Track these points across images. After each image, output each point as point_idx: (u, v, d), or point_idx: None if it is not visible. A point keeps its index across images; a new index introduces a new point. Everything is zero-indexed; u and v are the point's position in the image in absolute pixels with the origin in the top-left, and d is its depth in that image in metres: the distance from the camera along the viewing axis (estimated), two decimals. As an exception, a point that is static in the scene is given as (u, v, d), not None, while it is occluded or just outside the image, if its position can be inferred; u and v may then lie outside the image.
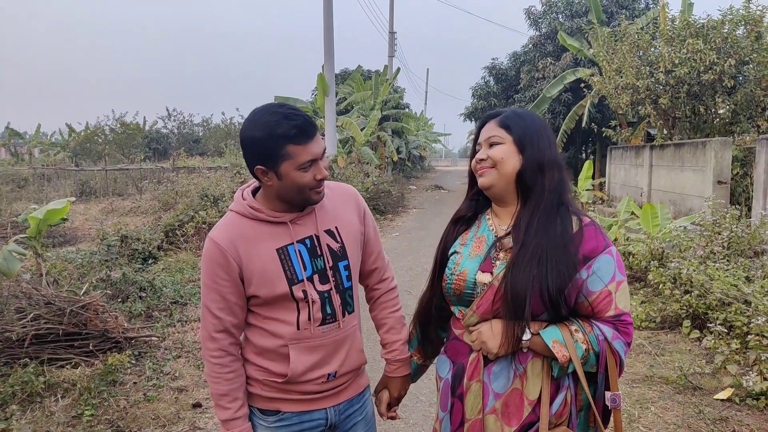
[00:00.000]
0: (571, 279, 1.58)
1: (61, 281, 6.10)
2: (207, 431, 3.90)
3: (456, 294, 1.74)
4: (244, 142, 1.73)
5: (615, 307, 1.60)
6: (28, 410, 4.01)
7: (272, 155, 1.68)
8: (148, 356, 5.07)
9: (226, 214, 1.87)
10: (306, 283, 1.79)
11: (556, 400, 1.63)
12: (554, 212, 1.65)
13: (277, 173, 1.70)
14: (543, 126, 1.75)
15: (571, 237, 1.62)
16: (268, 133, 1.66)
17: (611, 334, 1.59)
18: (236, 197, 1.87)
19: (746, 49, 10.33)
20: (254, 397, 1.87)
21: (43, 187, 19.99)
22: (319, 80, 18.05)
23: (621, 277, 1.63)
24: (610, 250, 1.63)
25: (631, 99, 12.04)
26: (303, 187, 1.72)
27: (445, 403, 1.78)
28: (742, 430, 3.75)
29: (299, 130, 1.67)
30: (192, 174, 16.43)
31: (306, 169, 1.70)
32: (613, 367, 1.61)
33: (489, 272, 1.68)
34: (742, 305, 4.97)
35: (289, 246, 1.78)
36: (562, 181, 1.70)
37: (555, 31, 19.20)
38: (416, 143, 35.90)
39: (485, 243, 1.75)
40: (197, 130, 41.11)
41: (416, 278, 8.49)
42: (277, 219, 1.79)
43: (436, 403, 1.87)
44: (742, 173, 9.60)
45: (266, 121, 1.67)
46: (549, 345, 1.58)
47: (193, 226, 10.02)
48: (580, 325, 1.61)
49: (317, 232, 1.83)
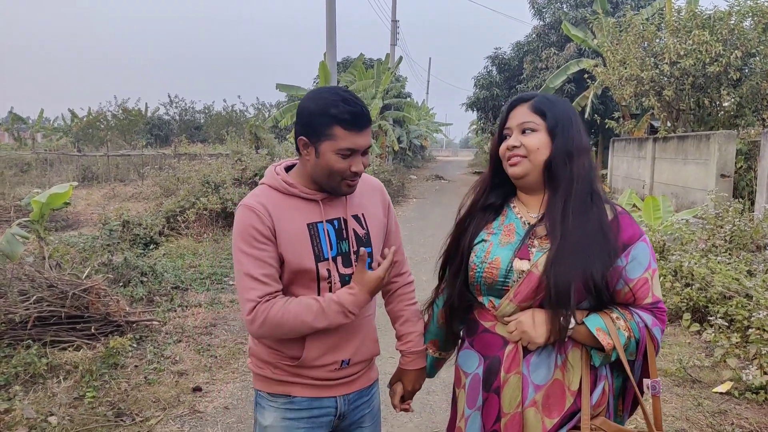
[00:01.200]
0: (612, 266, 1.57)
1: (63, 265, 6.11)
2: (207, 414, 3.92)
3: (487, 283, 1.68)
4: (300, 110, 1.74)
5: (652, 294, 1.61)
6: (31, 391, 4.03)
7: (318, 131, 1.68)
8: (149, 340, 5.09)
9: (258, 187, 1.85)
10: (330, 262, 1.78)
11: (595, 389, 1.62)
12: (588, 201, 1.62)
13: (317, 150, 1.70)
14: (573, 112, 1.71)
15: (609, 225, 1.61)
16: (322, 108, 1.67)
17: (651, 321, 1.59)
18: (268, 172, 1.86)
19: (753, 41, 10.27)
20: (264, 380, 1.86)
21: (46, 172, 20.02)
22: (321, 68, 18.01)
23: (655, 266, 1.63)
24: (644, 238, 1.63)
25: (635, 90, 12.00)
26: (335, 172, 1.71)
27: (475, 399, 1.72)
28: (741, 423, 3.75)
29: (352, 116, 1.67)
30: (193, 161, 16.46)
31: (344, 157, 1.70)
32: (653, 354, 1.60)
33: (527, 259, 1.63)
34: (743, 299, 4.97)
35: (318, 223, 1.78)
36: (591, 168, 1.67)
37: (559, 21, 19.12)
38: (417, 133, 35.84)
39: (514, 231, 1.70)
40: (199, 117, 41.07)
41: (416, 267, 8.49)
42: (310, 196, 1.79)
43: (461, 401, 1.79)
44: (746, 167, 9.57)
45: (325, 97, 1.69)
46: (593, 333, 1.56)
47: (195, 212, 10.04)
48: (621, 313, 1.60)
49: (345, 215, 1.84)
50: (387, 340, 5.63)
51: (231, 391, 4.28)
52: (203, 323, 5.65)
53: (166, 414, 3.90)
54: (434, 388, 4.36)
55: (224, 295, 6.66)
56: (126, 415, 3.82)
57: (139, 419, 3.80)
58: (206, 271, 7.56)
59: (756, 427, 3.70)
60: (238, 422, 3.84)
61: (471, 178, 29.03)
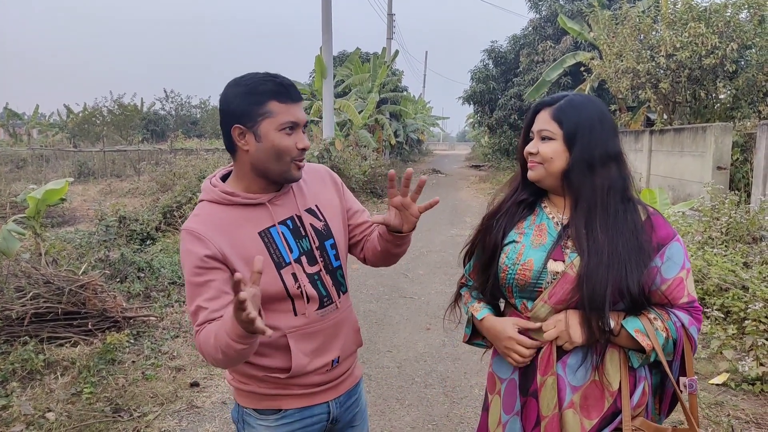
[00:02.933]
0: (647, 267, 1.56)
1: (60, 261, 6.10)
2: (204, 410, 3.93)
3: (519, 285, 1.66)
4: (223, 100, 1.62)
5: (687, 293, 1.60)
6: (29, 387, 4.03)
7: (252, 112, 1.58)
8: (146, 336, 5.09)
9: (198, 205, 1.70)
10: (294, 265, 1.67)
11: (636, 390, 1.61)
12: (619, 212, 1.61)
13: (256, 133, 1.59)
14: (601, 117, 1.64)
15: (643, 225, 1.61)
16: (250, 88, 1.58)
17: (687, 320, 1.58)
18: (204, 186, 1.72)
19: (749, 33, 10.26)
20: (250, 396, 1.74)
21: (42, 168, 19.95)
22: (317, 62, 17.94)
23: (689, 265, 1.62)
24: (678, 238, 1.64)
25: (632, 83, 11.99)
26: (282, 152, 1.60)
27: (512, 404, 1.70)
28: (738, 414, 3.77)
29: (283, 88, 1.59)
30: (189, 156, 16.39)
31: (287, 133, 1.60)
32: (690, 353, 1.59)
33: (561, 261, 1.62)
34: (739, 291, 4.98)
35: (271, 228, 1.67)
36: (621, 177, 1.63)
37: (555, 13, 19.09)
38: (414, 126, 35.78)
39: (546, 231, 1.69)
40: (195, 112, 40.99)
41: (412, 261, 8.50)
42: (255, 200, 1.67)
43: (495, 407, 1.77)
44: (743, 159, 9.57)
45: (250, 78, 1.60)
46: (633, 334, 1.54)
47: (191, 207, 10.01)
48: (658, 313, 1.58)
49: (298, 212, 1.73)
50: (383, 337, 5.65)
51: (228, 386, 4.28)
52: (200, 318, 5.64)
53: (163, 409, 3.91)
54: (431, 381, 4.37)
55: (221, 291, 6.64)
56: (124, 411, 3.83)
57: (136, 415, 3.80)
58: (203, 266, 7.54)
59: (752, 418, 3.71)
60: (236, 417, 3.84)
61: (468, 171, 29.01)
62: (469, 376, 4.47)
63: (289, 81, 1.62)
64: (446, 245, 9.73)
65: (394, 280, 7.39)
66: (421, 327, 5.59)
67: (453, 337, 5.11)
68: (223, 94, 1.63)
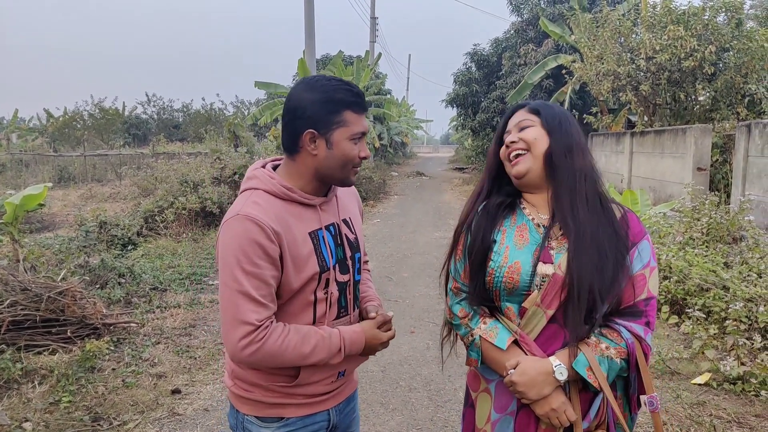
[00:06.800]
0: (624, 262, 1.60)
1: (38, 267, 6.00)
2: (186, 417, 3.87)
3: (508, 288, 1.64)
4: (297, 103, 1.60)
5: (647, 290, 1.62)
6: (5, 397, 3.95)
7: (328, 120, 1.58)
8: (126, 342, 5.02)
9: (251, 192, 1.65)
10: (331, 271, 1.68)
11: (593, 405, 1.62)
12: (596, 201, 1.65)
13: (328, 140, 1.60)
14: (569, 115, 1.75)
15: (619, 222, 1.65)
16: (328, 96, 1.57)
17: (642, 330, 1.59)
18: (259, 174, 1.68)
19: (727, 36, 10.39)
20: (253, 404, 1.71)
21: (21, 173, 19.67)
22: (300, 65, 17.90)
23: (654, 264, 1.65)
24: (647, 237, 1.68)
25: (612, 86, 12.08)
26: (348, 161, 1.63)
27: (506, 403, 1.70)
28: (720, 414, 3.79)
29: (359, 98, 1.61)
30: (172, 160, 16.27)
31: (356, 142, 1.62)
32: (645, 368, 1.58)
33: (550, 263, 1.61)
34: (720, 291, 5.03)
35: (318, 231, 1.68)
36: (593, 167, 1.69)
37: (537, 17, 19.17)
38: (398, 129, 35.83)
39: (527, 231, 1.68)
40: (177, 115, 40.71)
41: (396, 264, 8.49)
42: (309, 201, 1.67)
43: (485, 404, 1.75)
44: (722, 160, 9.69)
45: (325, 84, 1.59)
46: (585, 377, 1.55)
47: (173, 212, 9.95)
48: (609, 340, 1.58)
49: (338, 220, 1.75)
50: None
51: (211, 393, 4.23)
52: (182, 324, 5.59)
53: (144, 417, 3.85)
54: (416, 385, 4.36)
55: (204, 296, 6.59)
56: (103, 420, 3.76)
57: (116, 423, 3.74)
58: (185, 271, 7.48)
59: (734, 418, 3.74)
60: (219, 424, 3.80)
61: (452, 174, 29.11)
62: (453, 379, 4.45)
63: (360, 90, 1.65)
64: (430, 247, 9.73)
65: (378, 283, 7.36)
66: (406, 330, 5.57)
67: (437, 341, 5.10)
68: (296, 97, 1.62)
